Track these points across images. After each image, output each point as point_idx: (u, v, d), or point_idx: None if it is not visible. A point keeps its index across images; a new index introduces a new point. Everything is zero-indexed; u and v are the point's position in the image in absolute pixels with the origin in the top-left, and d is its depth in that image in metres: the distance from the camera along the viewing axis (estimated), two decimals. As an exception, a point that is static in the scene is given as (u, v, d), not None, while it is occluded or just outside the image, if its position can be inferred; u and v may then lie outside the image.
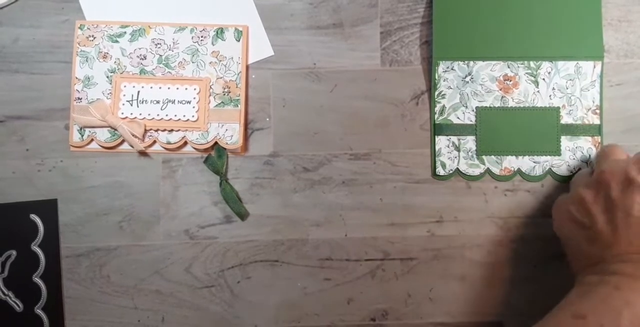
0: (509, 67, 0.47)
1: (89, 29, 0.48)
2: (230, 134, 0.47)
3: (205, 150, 0.48)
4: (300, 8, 0.49)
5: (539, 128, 0.47)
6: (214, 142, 0.47)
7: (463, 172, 0.47)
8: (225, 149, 0.47)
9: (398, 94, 0.48)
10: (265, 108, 0.48)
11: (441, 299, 0.46)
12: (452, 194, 0.47)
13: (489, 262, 0.47)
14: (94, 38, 0.48)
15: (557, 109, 0.47)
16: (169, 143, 0.47)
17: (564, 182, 0.47)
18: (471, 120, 0.47)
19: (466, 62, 0.47)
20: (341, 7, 0.49)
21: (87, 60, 0.48)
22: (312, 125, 0.48)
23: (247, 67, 0.48)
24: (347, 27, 0.49)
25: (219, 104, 0.47)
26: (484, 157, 0.47)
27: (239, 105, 0.47)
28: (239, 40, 0.48)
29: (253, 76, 0.49)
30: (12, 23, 0.49)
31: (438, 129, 0.47)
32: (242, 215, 0.47)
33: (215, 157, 0.47)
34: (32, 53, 0.49)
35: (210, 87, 0.47)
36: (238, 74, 0.48)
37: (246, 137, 0.48)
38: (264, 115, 0.48)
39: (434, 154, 0.47)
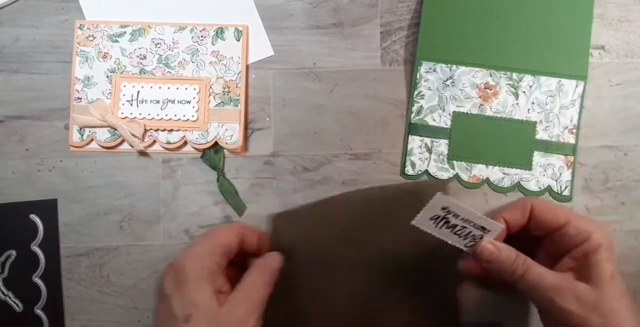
0: (491, 75, 0.47)
1: (88, 28, 0.48)
2: (230, 133, 0.47)
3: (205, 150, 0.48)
4: (300, 8, 0.49)
5: (513, 140, 0.46)
6: (214, 142, 0.47)
7: (432, 174, 0.47)
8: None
9: (398, 94, 0.48)
10: (265, 108, 0.48)
11: (441, 299, 0.46)
12: (452, 194, 0.47)
13: (489, 262, 0.47)
14: (94, 38, 0.48)
15: (534, 124, 0.46)
16: (169, 143, 0.47)
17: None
18: (446, 124, 0.47)
19: (449, 65, 0.47)
20: (341, 7, 0.49)
21: (87, 60, 0.48)
22: (312, 125, 0.48)
23: (247, 67, 0.48)
24: (347, 27, 0.49)
25: (219, 103, 0.47)
26: (454, 162, 0.47)
27: (239, 105, 0.47)
28: (239, 40, 0.48)
29: (253, 76, 0.49)
30: (12, 23, 0.49)
31: (413, 129, 0.47)
32: (240, 209, 0.47)
33: (212, 152, 0.47)
34: (32, 53, 0.49)
35: (210, 87, 0.47)
36: (238, 74, 0.48)
37: (246, 137, 0.48)
38: (264, 115, 0.48)
39: (405, 153, 0.47)
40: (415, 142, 0.47)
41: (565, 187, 0.46)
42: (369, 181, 0.47)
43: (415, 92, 0.47)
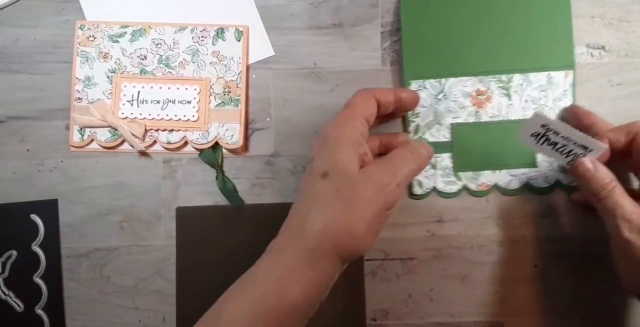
0: (480, 81, 0.47)
1: (89, 29, 0.48)
2: (230, 133, 0.47)
3: (206, 150, 0.48)
4: (300, 8, 0.49)
5: (514, 141, 0.45)
6: (214, 142, 0.47)
7: (440, 190, 0.46)
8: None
9: (398, 94, 0.48)
10: (265, 108, 0.48)
11: (441, 299, 0.47)
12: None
13: (489, 262, 0.47)
14: (95, 38, 0.48)
15: None
16: (169, 143, 0.47)
17: (541, 194, 0.46)
18: (446, 137, 0.47)
19: (437, 79, 0.47)
20: (342, 7, 0.49)
21: (87, 61, 0.48)
22: (312, 125, 0.48)
23: (248, 67, 0.48)
24: (348, 27, 0.49)
25: (220, 103, 0.47)
26: (460, 173, 0.46)
27: (239, 105, 0.47)
28: (239, 40, 0.48)
29: (253, 76, 0.49)
30: (12, 23, 0.49)
31: None
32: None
33: (210, 149, 0.47)
34: (33, 53, 0.49)
35: (211, 87, 0.48)
36: (238, 74, 0.48)
37: (247, 137, 0.48)
38: (264, 115, 0.48)
39: None
40: None
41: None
42: (369, 181, 0.47)
43: (409, 112, 0.47)
